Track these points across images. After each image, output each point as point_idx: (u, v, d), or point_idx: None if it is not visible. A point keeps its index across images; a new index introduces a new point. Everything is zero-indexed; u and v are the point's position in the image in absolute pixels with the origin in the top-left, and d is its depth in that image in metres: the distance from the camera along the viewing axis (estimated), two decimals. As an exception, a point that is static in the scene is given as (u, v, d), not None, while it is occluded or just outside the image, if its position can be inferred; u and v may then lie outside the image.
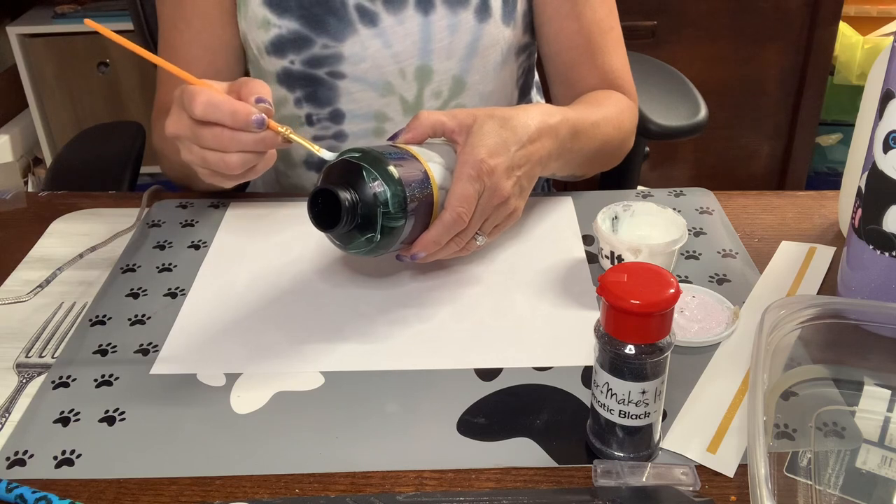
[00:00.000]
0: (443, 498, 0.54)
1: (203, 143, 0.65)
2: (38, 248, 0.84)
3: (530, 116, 0.75)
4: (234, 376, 0.65)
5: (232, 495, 0.55)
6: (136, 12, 1.15)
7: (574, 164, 0.86)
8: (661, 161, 2.10)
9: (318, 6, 0.89)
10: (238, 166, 0.66)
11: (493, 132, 0.71)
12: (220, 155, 0.65)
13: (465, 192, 0.68)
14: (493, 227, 0.72)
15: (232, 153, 0.65)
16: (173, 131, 0.67)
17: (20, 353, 0.69)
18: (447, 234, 0.68)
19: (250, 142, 0.65)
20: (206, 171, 0.68)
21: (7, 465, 0.58)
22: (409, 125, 0.72)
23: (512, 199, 0.72)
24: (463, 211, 0.68)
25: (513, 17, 0.93)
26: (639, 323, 0.51)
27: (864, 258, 0.67)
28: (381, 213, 0.63)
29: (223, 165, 0.66)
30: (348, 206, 0.62)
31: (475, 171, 0.68)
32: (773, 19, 1.93)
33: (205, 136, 0.65)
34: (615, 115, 0.90)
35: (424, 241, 0.68)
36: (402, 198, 0.64)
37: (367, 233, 0.64)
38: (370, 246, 0.65)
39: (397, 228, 0.65)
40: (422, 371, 0.65)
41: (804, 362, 0.64)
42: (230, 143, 0.65)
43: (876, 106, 0.65)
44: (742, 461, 0.56)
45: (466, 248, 0.72)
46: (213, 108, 0.64)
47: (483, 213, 0.70)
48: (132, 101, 2.24)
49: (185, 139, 0.66)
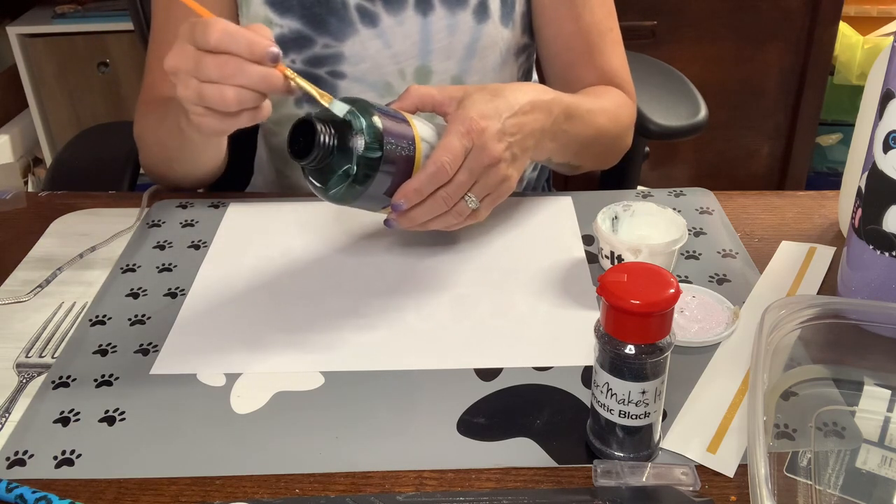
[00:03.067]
0: (443, 498, 0.54)
1: (204, 75, 0.63)
2: (38, 248, 0.84)
3: (522, 91, 0.76)
4: (234, 376, 0.65)
5: (232, 495, 0.55)
6: (136, 12, 1.15)
7: (570, 150, 0.86)
8: (661, 161, 2.10)
9: (319, 6, 0.89)
10: (234, 102, 0.64)
11: (485, 100, 0.71)
12: (218, 87, 0.63)
13: (450, 143, 0.68)
14: (484, 192, 0.72)
15: (230, 87, 0.63)
16: (173, 62, 0.64)
17: (20, 353, 0.69)
18: (429, 184, 0.67)
19: (255, 75, 0.63)
20: (199, 109, 0.65)
21: (7, 465, 0.58)
22: (400, 96, 0.73)
23: (503, 165, 0.71)
24: (447, 161, 0.67)
25: (511, 18, 0.93)
26: (639, 323, 0.51)
27: (864, 258, 0.67)
28: (358, 141, 0.63)
29: (219, 99, 0.63)
30: (323, 128, 0.62)
31: (464, 128, 0.68)
32: (773, 19, 1.93)
33: (208, 66, 0.63)
34: (612, 107, 0.90)
35: (405, 188, 0.67)
36: (378, 130, 0.64)
37: (344, 164, 0.64)
38: (347, 181, 0.64)
39: (374, 161, 0.64)
40: (422, 371, 0.65)
41: (804, 362, 0.64)
42: (234, 72, 0.63)
43: (876, 106, 0.65)
44: (742, 461, 0.56)
45: (457, 211, 0.71)
46: (230, 37, 0.62)
47: (472, 173, 0.69)
48: (132, 101, 2.24)
49: (184, 72, 0.64)
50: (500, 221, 0.85)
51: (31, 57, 2.17)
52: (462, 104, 0.71)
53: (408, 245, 0.81)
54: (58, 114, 2.26)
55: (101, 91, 2.22)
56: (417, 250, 0.81)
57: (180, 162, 0.88)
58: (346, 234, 0.83)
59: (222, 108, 0.65)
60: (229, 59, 0.63)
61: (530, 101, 0.75)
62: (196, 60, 0.63)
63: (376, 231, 0.84)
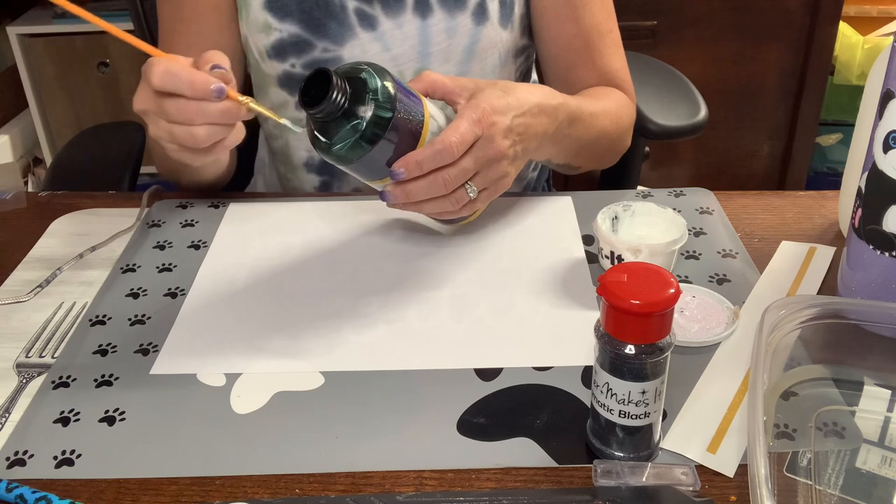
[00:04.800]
0: (443, 498, 0.54)
1: (169, 117, 0.65)
2: (38, 248, 0.84)
3: (532, 92, 0.76)
4: (234, 376, 0.65)
5: (232, 495, 0.55)
6: (136, 12, 1.15)
7: (570, 152, 0.86)
8: (661, 161, 2.10)
9: (318, 10, 0.89)
10: (205, 139, 0.65)
11: (497, 96, 0.72)
12: (186, 128, 0.65)
13: (461, 126, 0.68)
14: (483, 185, 0.72)
15: (198, 126, 0.65)
16: (139, 106, 0.66)
17: (20, 353, 0.69)
18: (433, 160, 0.67)
19: (215, 113, 0.64)
20: (174, 146, 0.67)
21: (7, 465, 0.58)
22: (413, 79, 0.73)
23: (505, 162, 0.72)
24: (455, 141, 0.67)
25: (510, 20, 0.93)
26: (639, 323, 0.51)
27: (864, 258, 0.67)
28: (370, 99, 0.64)
29: (190, 139, 0.65)
30: (338, 81, 0.62)
31: (476, 116, 0.69)
32: (773, 19, 1.93)
33: (170, 109, 0.64)
34: (614, 109, 0.90)
35: (408, 158, 0.67)
36: (391, 93, 0.64)
37: (353, 120, 0.64)
38: (354, 137, 0.64)
39: (384, 120, 0.64)
40: (422, 371, 0.65)
41: (804, 362, 0.64)
42: (195, 114, 0.64)
43: (876, 106, 0.65)
44: (742, 461, 0.56)
45: (456, 197, 0.70)
46: (171, 77, 0.63)
47: (476, 161, 0.69)
48: (132, 101, 2.24)
49: (150, 113, 0.66)
50: (500, 221, 0.85)
51: (31, 57, 2.17)
52: (475, 96, 0.71)
53: (408, 245, 0.81)
54: (58, 114, 2.26)
55: (101, 91, 2.22)
56: (418, 250, 0.81)
57: (185, 176, 0.90)
58: (346, 234, 0.83)
59: (194, 146, 0.66)
60: (187, 102, 0.64)
61: (538, 104, 0.76)
62: (157, 104, 0.65)
63: (376, 231, 0.84)
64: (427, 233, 0.83)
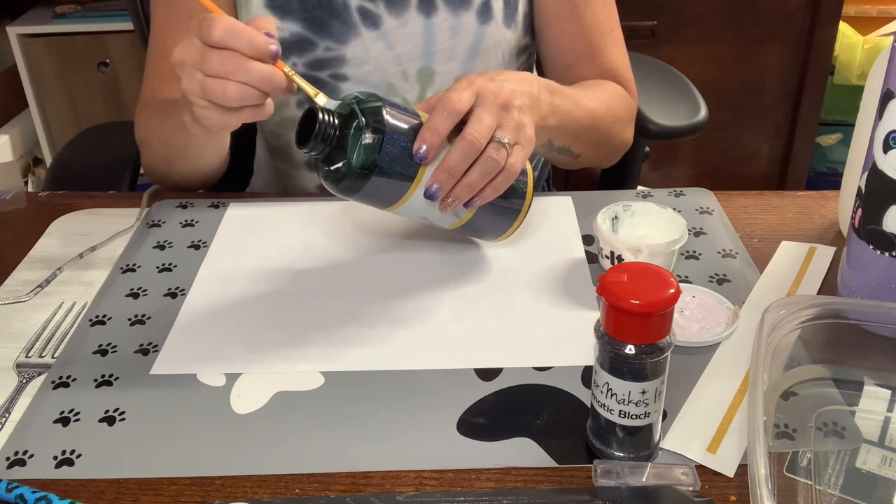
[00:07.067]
0: (443, 498, 0.54)
1: (208, 69, 0.65)
2: (38, 248, 0.84)
3: (509, 72, 0.77)
4: (234, 376, 0.65)
5: (232, 495, 0.55)
6: (136, 12, 1.15)
7: (568, 132, 0.84)
8: (661, 161, 2.10)
9: (320, 9, 0.89)
10: (236, 97, 0.66)
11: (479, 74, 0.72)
12: (221, 82, 0.65)
13: (452, 88, 0.68)
14: (509, 135, 0.69)
15: (233, 83, 0.65)
16: (179, 56, 0.67)
17: (20, 353, 0.69)
18: (441, 119, 0.66)
19: (255, 73, 0.65)
20: (202, 101, 0.67)
21: (7, 465, 0.58)
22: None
23: (516, 110, 0.70)
24: (453, 97, 0.67)
25: (514, 19, 0.93)
26: (639, 323, 0.51)
27: (864, 258, 0.67)
28: (360, 112, 0.64)
29: (221, 94, 0.66)
30: (323, 115, 0.63)
31: (465, 81, 0.69)
32: (773, 19, 1.93)
33: (212, 60, 0.65)
34: (603, 96, 0.90)
35: (421, 133, 0.66)
36: (378, 104, 0.65)
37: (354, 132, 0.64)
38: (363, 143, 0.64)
39: (379, 121, 0.64)
40: (422, 371, 0.65)
41: (804, 362, 0.64)
42: (237, 69, 0.65)
43: (876, 106, 0.65)
44: (742, 461, 0.56)
45: (493, 153, 0.68)
46: (233, 34, 0.64)
47: (488, 110, 0.68)
48: (132, 101, 2.24)
49: (189, 65, 0.66)
50: (500, 221, 0.85)
51: (31, 57, 2.17)
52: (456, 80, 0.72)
53: (408, 245, 0.81)
54: (58, 114, 2.26)
55: (101, 91, 2.22)
56: (418, 251, 0.81)
57: (183, 161, 0.88)
58: (346, 234, 0.83)
59: (223, 103, 0.67)
60: (233, 55, 0.65)
61: (516, 74, 0.76)
62: (201, 54, 0.65)
63: (376, 231, 0.84)
64: (427, 233, 0.83)
